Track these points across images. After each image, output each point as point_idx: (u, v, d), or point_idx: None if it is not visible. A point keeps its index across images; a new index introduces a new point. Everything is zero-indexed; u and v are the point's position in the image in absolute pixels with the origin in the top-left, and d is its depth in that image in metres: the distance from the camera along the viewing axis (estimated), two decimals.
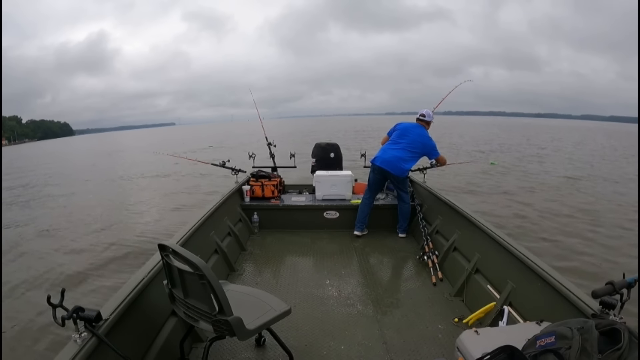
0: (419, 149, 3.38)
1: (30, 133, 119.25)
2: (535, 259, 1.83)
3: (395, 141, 3.45)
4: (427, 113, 3.53)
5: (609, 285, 1.30)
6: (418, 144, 3.38)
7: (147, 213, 7.14)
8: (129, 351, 1.31)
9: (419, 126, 3.46)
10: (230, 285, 1.76)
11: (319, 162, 4.44)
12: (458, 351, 1.35)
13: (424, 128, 3.46)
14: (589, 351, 0.95)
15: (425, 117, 3.51)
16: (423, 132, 3.44)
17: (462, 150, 16.55)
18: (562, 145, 21.39)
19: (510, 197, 7.51)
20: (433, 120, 3.55)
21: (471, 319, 2.04)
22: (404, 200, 3.51)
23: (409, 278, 2.75)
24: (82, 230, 6.03)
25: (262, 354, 1.84)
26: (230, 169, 4.01)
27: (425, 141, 3.40)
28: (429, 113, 3.54)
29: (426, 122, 3.50)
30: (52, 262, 4.59)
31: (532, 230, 5.37)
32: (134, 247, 4.92)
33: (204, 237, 2.59)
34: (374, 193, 3.56)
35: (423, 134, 3.43)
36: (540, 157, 14.88)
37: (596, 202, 7.16)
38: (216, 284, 1.29)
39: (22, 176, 13.99)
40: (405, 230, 3.56)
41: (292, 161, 4.44)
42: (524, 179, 9.58)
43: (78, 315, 1.18)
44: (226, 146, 20.63)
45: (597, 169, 11.81)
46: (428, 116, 3.52)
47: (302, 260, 3.08)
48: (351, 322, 2.13)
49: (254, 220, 3.65)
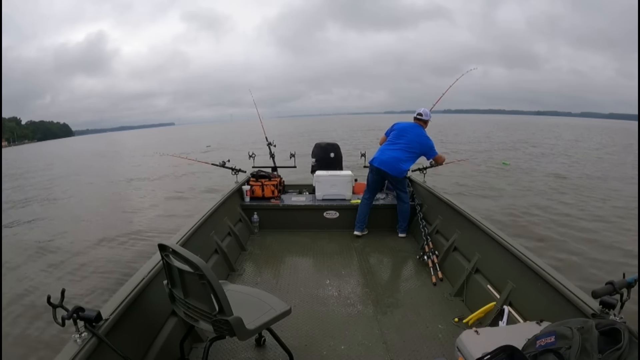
0: (417, 149, 3.36)
1: (30, 134, 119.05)
2: (535, 259, 1.82)
3: (393, 142, 3.43)
4: (424, 112, 3.48)
5: (609, 285, 1.30)
6: (416, 144, 3.35)
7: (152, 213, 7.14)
8: (129, 351, 1.31)
9: (417, 126, 3.43)
10: (230, 285, 1.76)
11: (319, 162, 4.44)
12: (458, 351, 1.35)
13: (421, 127, 3.42)
14: (589, 351, 0.95)
15: (423, 116, 3.46)
16: (421, 131, 3.40)
17: (479, 149, 16.01)
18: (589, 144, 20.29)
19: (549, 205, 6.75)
20: (431, 118, 3.51)
21: (471, 319, 2.04)
22: (403, 200, 3.49)
23: (409, 278, 2.75)
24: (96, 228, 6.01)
25: (262, 354, 1.84)
26: (230, 169, 4.01)
27: (422, 141, 3.36)
28: (427, 112, 3.49)
29: (424, 121, 3.47)
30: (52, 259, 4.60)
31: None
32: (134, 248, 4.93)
33: (204, 237, 2.59)
34: (373, 193, 3.55)
35: (421, 133, 3.39)
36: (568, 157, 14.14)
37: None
38: (216, 284, 1.30)
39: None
40: (405, 230, 3.54)
41: (292, 161, 4.44)
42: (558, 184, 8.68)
43: (78, 316, 1.18)
44: (228, 148, 20.45)
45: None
46: (425, 115, 3.47)
47: (302, 260, 3.08)
48: (351, 322, 2.13)
49: (254, 220, 3.65)
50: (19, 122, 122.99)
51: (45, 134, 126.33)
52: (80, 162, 19.90)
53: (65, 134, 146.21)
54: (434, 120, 3.52)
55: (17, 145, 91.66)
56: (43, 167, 18.05)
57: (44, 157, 27.05)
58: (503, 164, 11.42)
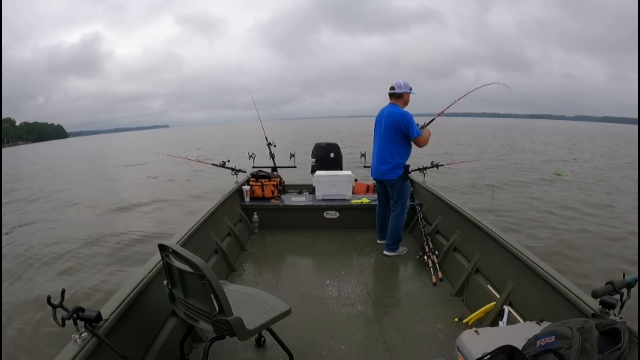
0: (398, 132, 2.81)
1: (24, 135, 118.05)
2: (535, 258, 1.83)
3: (375, 139, 3.02)
4: (397, 84, 2.86)
5: (609, 285, 1.30)
6: (392, 127, 2.81)
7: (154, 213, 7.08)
8: (129, 351, 1.31)
9: (391, 106, 2.89)
10: (230, 285, 1.76)
11: (319, 162, 4.44)
12: (458, 351, 1.35)
13: (395, 106, 2.87)
14: (589, 351, 0.95)
15: (396, 89, 2.85)
16: (394, 110, 2.85)
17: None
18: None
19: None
20: (411, 91, 2.89)
21: (471, 319, 2.04)
22: (395, 210, 3.00)
23: (409, 278, 2.75)
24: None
25: (262, 354, 1.84)
26: (230, 169, 4.01)
27: (397, 119, 2.79)
28: (400, 83, 2.86)
29: (398, 96, 2.87)
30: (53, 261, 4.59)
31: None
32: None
33: (204, 237, 2.59)
34: (382, 203, 3.24)
35: (394, 112, 2.83)
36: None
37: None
38: (216, 284, 1.30)
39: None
40: (393, 249, 3.04)
41: (292, 161, 4.44)
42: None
43: (78, 316, 1.18)
44: (228, 152, 20.21)
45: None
46: (399, 87, 2.85)
47: (302, 260, 3.08)
48: (351, 322, 2.13)
49: (254, 220, 3.65)
50: (13, 123, 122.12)
51: (40, 135, 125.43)
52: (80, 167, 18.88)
53: (59, 135, 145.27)
54: (447, 122, 3.09)
55: (12, 146, 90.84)
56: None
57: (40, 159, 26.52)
58: (557, 174, 10.51)
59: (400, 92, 2.85)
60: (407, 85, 2.88)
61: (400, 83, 2.86)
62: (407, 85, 2.87)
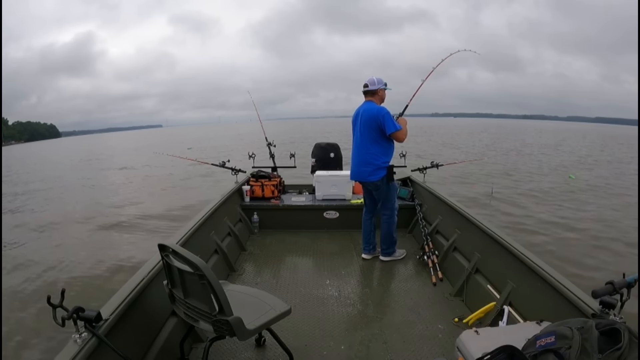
0: (376, 129, 2.70)
1: (17, 135, 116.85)
2: (535, 259, 1.83)
3: (354, 140, 2.89)
4: (370, 81, 2.76)
5: (609, 285, 1.30)
6: (369, 124, 2.71)
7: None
8: (129, 351, 1.31)
9: (366, 103, 2.80)
10: (230, 285, 1.76)
11: (319, 162, 4.44)
12: (458, 351, 1.35)
13: (372, 103, 2.78)
14: (589, 351, 0.95)
15: (369, 86, 2.76)
16: (370, 106, 2.75)
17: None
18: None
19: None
20: (386, 87, 2.79)
21: (471, 319, 2.04)
22: (385, 214, 2.89)
23: (409, 278, 2.75)
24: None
25: (262, 354, 1.84)
26: (230, 169, 4.01)
27: (373, 114, 2.69)
28: (374, 80, 2.76)
29: (372, 93, 2.77)
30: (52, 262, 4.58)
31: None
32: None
33: (204, 237, 2.59)
34: (368, 208, 3.04)
35: (370, 108, 2.74)
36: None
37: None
38: (216, 284, 1.30)
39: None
40: (390, 253, 2.95)
41: (292, 161, 4.44)
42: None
43: (78, 316, 1.18)
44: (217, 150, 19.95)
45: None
46: (372, 84, 2.75)
47: (302, 261, 3.08)
48: (351, 322, 2.13)
49: (254, 220, 3.65)
50: (5, 122, 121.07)
51: (33, 134, 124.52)
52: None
53: (52, 135, 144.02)
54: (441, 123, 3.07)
55: (5, 145, 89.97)
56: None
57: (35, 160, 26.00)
58: (570, 177, 10.21)
59: (374, 88, 2.76)
60: (382, 81, 2.78)
61: (374, 79, 2.77)
62: (380, 81, 2.77)
